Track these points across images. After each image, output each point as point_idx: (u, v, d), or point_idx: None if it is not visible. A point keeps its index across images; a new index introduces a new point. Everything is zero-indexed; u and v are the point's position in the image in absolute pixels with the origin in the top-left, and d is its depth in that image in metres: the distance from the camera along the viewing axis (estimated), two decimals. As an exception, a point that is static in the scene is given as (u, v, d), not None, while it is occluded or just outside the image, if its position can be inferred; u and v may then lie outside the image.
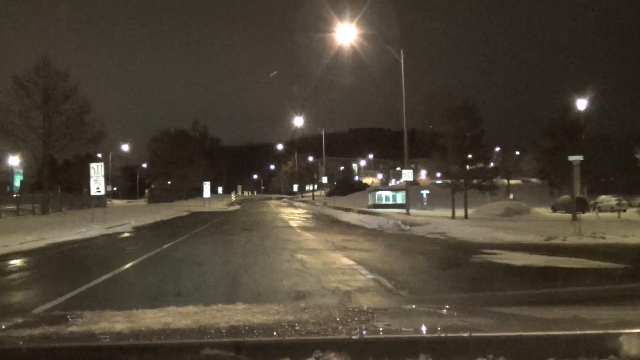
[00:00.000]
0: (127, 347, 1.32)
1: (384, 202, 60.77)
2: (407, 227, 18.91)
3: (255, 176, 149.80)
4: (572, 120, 29.48)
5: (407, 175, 27.40)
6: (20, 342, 1.39)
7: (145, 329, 1.59)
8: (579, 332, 1.49)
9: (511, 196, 50.84)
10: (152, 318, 1.83)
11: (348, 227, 21.05)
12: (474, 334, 1.45)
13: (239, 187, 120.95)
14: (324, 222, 24.07)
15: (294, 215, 32.21)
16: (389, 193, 63.26)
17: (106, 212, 23.03)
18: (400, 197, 63.05)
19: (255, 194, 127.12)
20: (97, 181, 21.50)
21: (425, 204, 59.36)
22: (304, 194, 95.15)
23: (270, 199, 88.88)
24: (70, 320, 1.87)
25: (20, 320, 2.06)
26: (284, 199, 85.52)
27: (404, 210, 45.11)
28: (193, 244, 13.30)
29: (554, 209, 41.97)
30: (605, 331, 1.43)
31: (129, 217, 25.75)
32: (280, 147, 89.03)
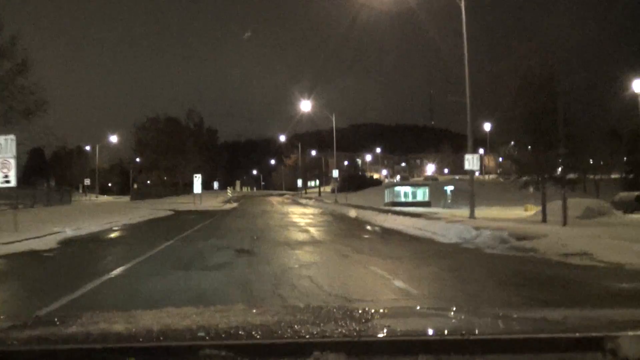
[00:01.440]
0: (125, 349, 1.29)
1: (402, 199, 52.55)
2: (530, 243, 10.86)
3: (254, 172, 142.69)
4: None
5: (472, 162, 19.21)
6: (19, 344, 1.36)
7: (144, 330, 1.53)
8: (578, 334, 1.42)
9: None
10: (151, 319, 1.77)
11: (412, 241, 12.89)
12: (473, 335, 1.41)
13: (238, 183, 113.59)
14: (363, 231, 15.95)
15: (308, 217, 24.05)
16: (409, 189, 54.99)
17: (48, 213, 14.86)
18: (421, 194, 55.15)
19: (254, 190, 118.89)
20: (5, 165, 13.27)
21: (449, 201, 51.52)
22: (307, 191, 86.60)
23: (271, 195, 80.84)
24: (69, 321, 1.79)
25: (19, 321, 1.95)
26: (286, 196, 77.69)
27: (435, 210, 36.77)
28: (106, 307, 5.09)
29: (610, 209, 34.20)
30: (605, 333, 1.34)
31: (75, 221, 17.69)
32: (282, 138, 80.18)
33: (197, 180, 39.40)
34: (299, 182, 73.94)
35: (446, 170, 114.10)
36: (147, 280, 6.78)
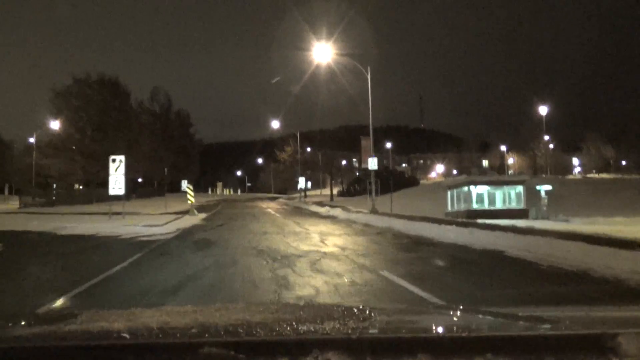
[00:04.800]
0: (125, 346, 1.27)
1: (476, 206, 32.04)
2: None
3: (238, 173, 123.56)
4: None
5: None
6: (18, 341, 1.34)
7: (143, 328, 1.50)
8: (577, 332, 1.42)
9: None
10: (150, 317, 1.76)
11: None
12: (472, 334, 1.39)
13: (219, 185, 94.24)
14: None
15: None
16: (484, 189, 34.54)
17: None
18: (500, 197, 34.26)
19: (239, 192, 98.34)
20: None
21: (544, 208, 31.08)
22: (306, 194, 66.06)
23: (259, 199, 60.47)
24: (69, 319, 1.74)
25: (19, 318, 1.96)
26: (280, 200, 57.69)
27: (552, 223, 16.19)
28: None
29: None
30: (604, 331, 1.33)
31: None
32: (275, 124, 59.34)
33: (117, 169, 18.59)
34: (301, 182, 53.97)
35: (454, 172, 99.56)
36: None
